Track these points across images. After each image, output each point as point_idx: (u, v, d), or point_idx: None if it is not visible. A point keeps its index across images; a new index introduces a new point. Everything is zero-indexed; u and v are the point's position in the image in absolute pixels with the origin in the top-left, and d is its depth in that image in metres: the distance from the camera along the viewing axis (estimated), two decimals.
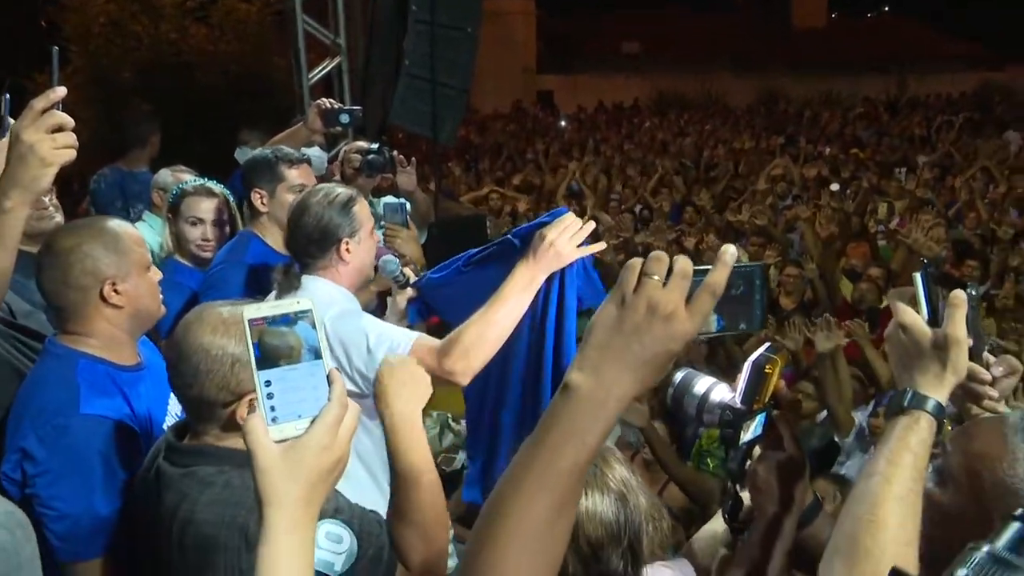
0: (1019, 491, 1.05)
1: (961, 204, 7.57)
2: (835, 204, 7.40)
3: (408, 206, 2.86)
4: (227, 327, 1.38)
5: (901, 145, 11.97)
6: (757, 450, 1.33)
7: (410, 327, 2.18)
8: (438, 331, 2.38)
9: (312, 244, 2.01)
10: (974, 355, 1.20)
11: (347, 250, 2.02)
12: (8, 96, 1.94)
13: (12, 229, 1.52)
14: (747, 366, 1.29)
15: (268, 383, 0.85)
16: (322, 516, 1.26)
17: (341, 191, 2.06)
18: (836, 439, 3.47)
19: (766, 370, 1.23)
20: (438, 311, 2.39)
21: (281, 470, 0.84)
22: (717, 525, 1.52)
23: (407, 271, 2.27)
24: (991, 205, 7.66)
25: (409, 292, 2.25)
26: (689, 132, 14.17)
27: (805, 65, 25.81)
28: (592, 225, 2.01)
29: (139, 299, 1.82)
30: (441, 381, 1.87)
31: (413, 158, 3.92)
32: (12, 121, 2.05)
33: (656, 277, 0.79)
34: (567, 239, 1.95)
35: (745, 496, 1.36)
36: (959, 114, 15.00)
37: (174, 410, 1.92)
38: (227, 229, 2.77)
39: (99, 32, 8.44)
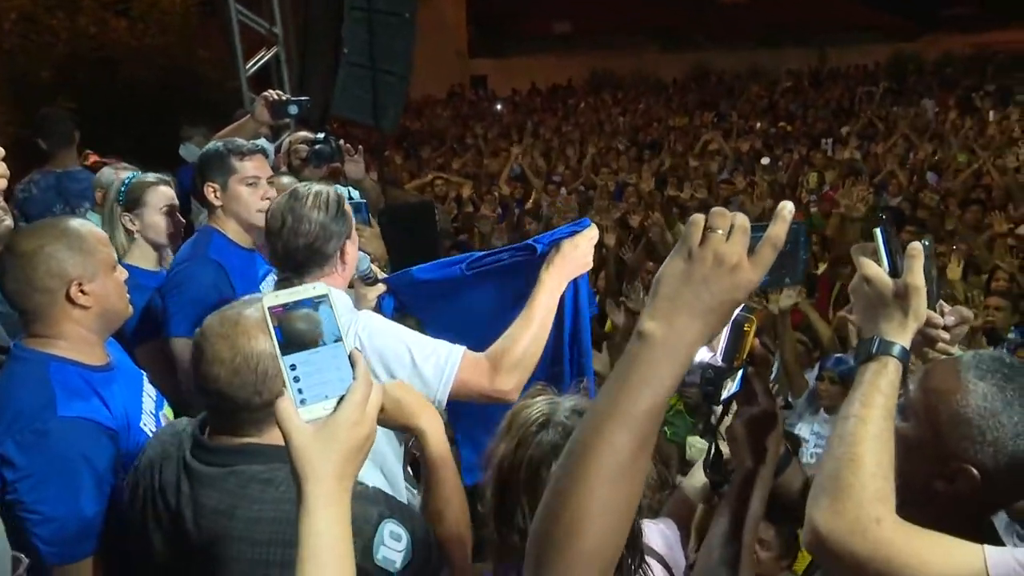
0: (971, 420, 1.16)
1: (884, 173, 7.91)
2: (767, 177, 7.69)
3: (366, 202, 2.84)
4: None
5: (826, 116, 12.41)
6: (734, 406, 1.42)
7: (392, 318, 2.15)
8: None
9: (316, 254, 1.87)
10: (929, 302, 1.31)
11: (348, 252, 1.95)
12: None
13: None
14: (727, 325, 1.36)
15: (293, 367, 0.89)
16: (384, 517, 1.30)
17: (327, 191, 1.93)
18: (789, 399, 3.65)
19: (744, 328, 1.30)
20: (409, 307, 2.36)
21: (315, 448, 0.88)
22: (696, 480, 1.60)
23: (375, 268, 2.25)
24: (911, 171, 8.05)
25: (381, 288, 2.24)
26: (624, 111, 14.37)
27: (730, 39, 26.39)
28: None
29: (107, 299, 1.80)
30: (485, 400, 1.80)
31: (360, 146, 3.91)
32: None
33: (720, 231, 0.86)
34: (591, 248, 1.98)
35: (725, 449, 1.45)
36: (877, 84, 15.62)
37: (148, 408, 1.92)
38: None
39: (11, 29, 8.04)
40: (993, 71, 17.34)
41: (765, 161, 8.58)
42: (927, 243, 1.24)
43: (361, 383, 0.91)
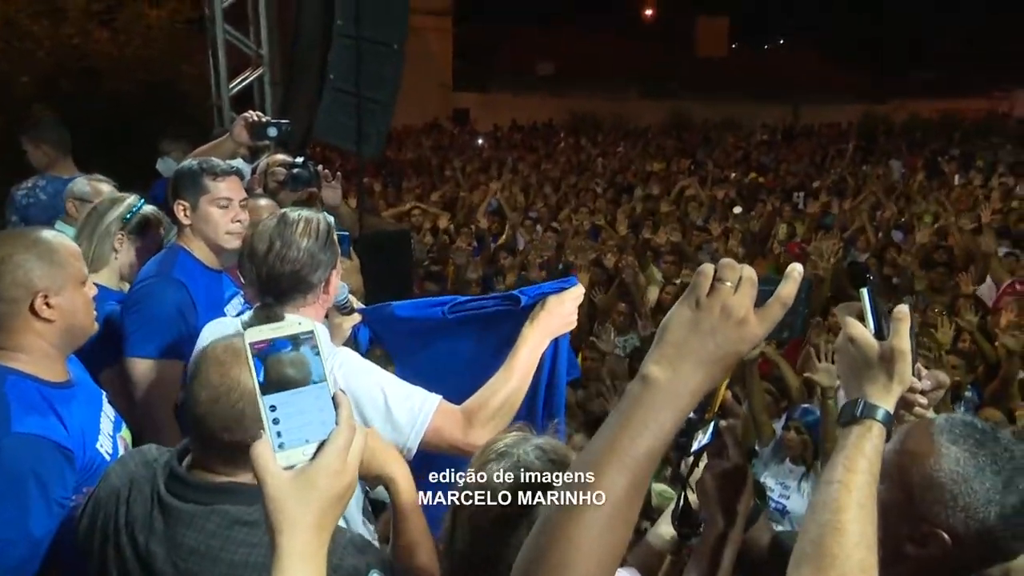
0: (944, 484, 1.16)
1: (853, 229, 8.10)
2: (740, 226, 7.83)
3: (348, 235, 2.81)
4: None
5: (798, 171, 12.72)
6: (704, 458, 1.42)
7: (363, 354, 2.11)
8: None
9: (301, 283, 1.81)
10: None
11: (332, 283, 1.90)
12: None
13: None
14: None
15: (273, 408, 0.83)
16: (371, 567, 1.27)
17: (318, 218, 1.88)
18: (756, 447, 3.66)
19: None
20: (382, 341, 2.31)
21: (292, 497, 0.82)
22: (664, 530, 1.59)
23: (352, 299, 2.21)
24: (877, 228, 8.25)
25: (356, 318, 2.20)
26: (603, 154, 14.60)
27: (709, 91, 27.08)
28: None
29: (73, 314, 1.75)
30: (456, 451, 1.73)
31: (338, 172, 3.91)
32: None
33: (729, 283, 0.88)
34: (576, 307, 1.95)
35: (694, 500, 1.44)
36: (848, 143, 16.08)
37: (106, 429, 1.86)
38: None
39: None
40: (960, 137, 17.97)
41: (737, 211, 8.74)
42: (905, 308, 1.24)
43: (344, 428, 0.85)
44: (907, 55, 32.35)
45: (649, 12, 40.01)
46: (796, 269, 0.90)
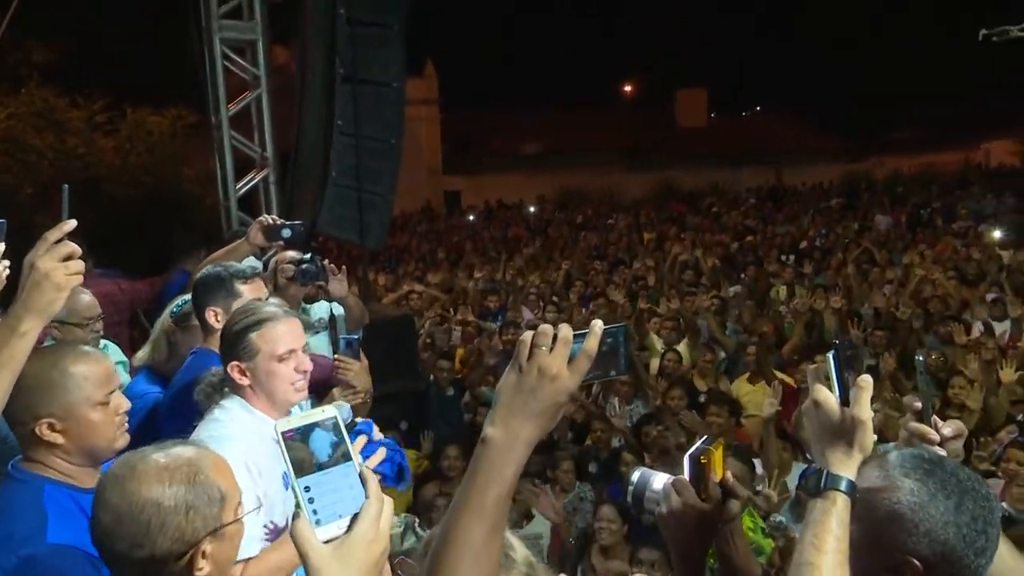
0: (904, 514, 1.19)
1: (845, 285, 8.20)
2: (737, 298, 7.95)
3: (356, 337, 2.91)
4: (172, 473, 1.32)
5: (787, 232, 12.96)
6: None
7: None
8: None
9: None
10: (924, 417, 1.35)
11: (241, 374, 2.10)
12: (5, 221, 1.92)
13: (23, 353, 1.52)
14: (686, 460, 1.42)
15: (307, 488, 0.91)
16: None
17: (253, 314, 2.13)
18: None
19: (701, 460, 1.36)
20: None
21: (334, 567, 0.89)
22: None
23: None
24: (871, 285, 8.35)
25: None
26: (594, 227, 14.89)
27: (691, 160, 27.80)
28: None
29: (86, 436, 1.73)
30: None
31: (344, 266, 4.02)
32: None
33: (544, 347, 1.02)
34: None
35: None
36: (832, 201, 16.43)
37: None
38: None
39: None
40: (938, 189, 18.37)
41: (733, 290, 8.68)
42: (921, 358, 1.28)
43: (374, 500, 0.92)
44: (880, 115, 33.43)
45: (628, 88, 41.50)
46: (597, 324, 1.04)
